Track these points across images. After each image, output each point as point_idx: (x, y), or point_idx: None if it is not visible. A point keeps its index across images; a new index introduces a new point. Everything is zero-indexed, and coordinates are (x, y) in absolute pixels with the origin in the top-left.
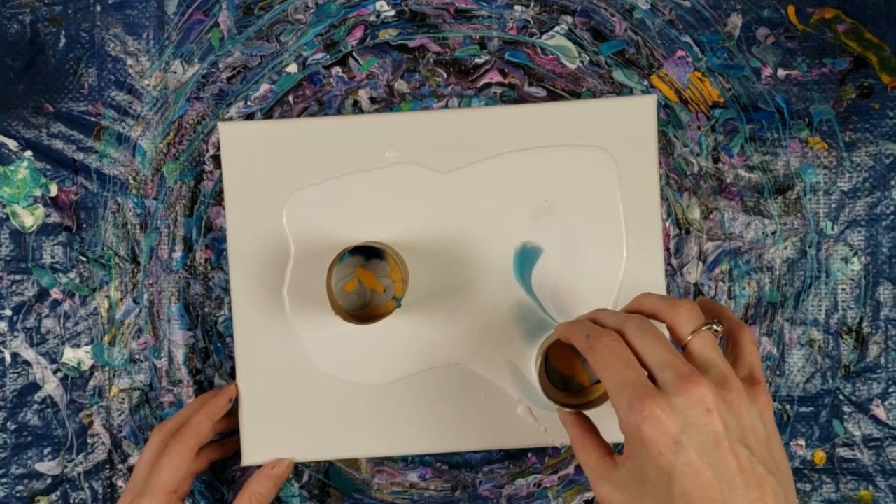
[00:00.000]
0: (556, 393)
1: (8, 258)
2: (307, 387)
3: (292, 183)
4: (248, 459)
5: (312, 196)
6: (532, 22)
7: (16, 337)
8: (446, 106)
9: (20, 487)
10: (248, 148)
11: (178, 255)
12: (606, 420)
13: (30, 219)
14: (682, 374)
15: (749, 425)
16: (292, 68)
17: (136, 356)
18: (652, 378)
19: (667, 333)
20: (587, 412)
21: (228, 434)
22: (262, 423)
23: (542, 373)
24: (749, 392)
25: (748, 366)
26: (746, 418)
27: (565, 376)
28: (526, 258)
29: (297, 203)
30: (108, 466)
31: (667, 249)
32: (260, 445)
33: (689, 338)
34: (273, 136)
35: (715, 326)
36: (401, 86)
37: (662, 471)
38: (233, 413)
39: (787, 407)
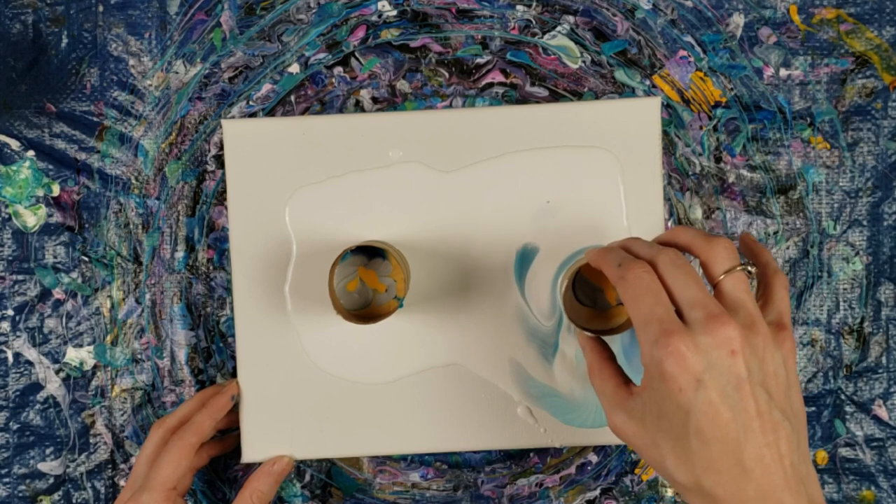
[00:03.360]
0: (579, 312)
1: (10, 258)
2: (308, 385)
3: (295, 181)
4: (248, 456)
5: (315, 194)
6: (534, 22)
7: (18, 337)
8: (450, 106)
9: (22, 487)
10: (251, 145)
11: (180, 254)
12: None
13: (32, 219)
14: (710, 314)
15: (771, 371)
16: (294, 68)
17: (139, 356)
18: (680, 314)
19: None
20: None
21: (228, 430)
22: (262, 420)
23: (569, 291)
24: (775, 337)
25: (777, 311)
26: (769, 363)
27: (595, 287)
28: (525, 259)
29: (299, 201)
30: (110, 466)
31: None
32: (260, 443)
33: (722, 277)
34: (276, 134)
35: (749, 268)
36: (402, 86)
37: (680, 407)
38: (233, 410)
39: None
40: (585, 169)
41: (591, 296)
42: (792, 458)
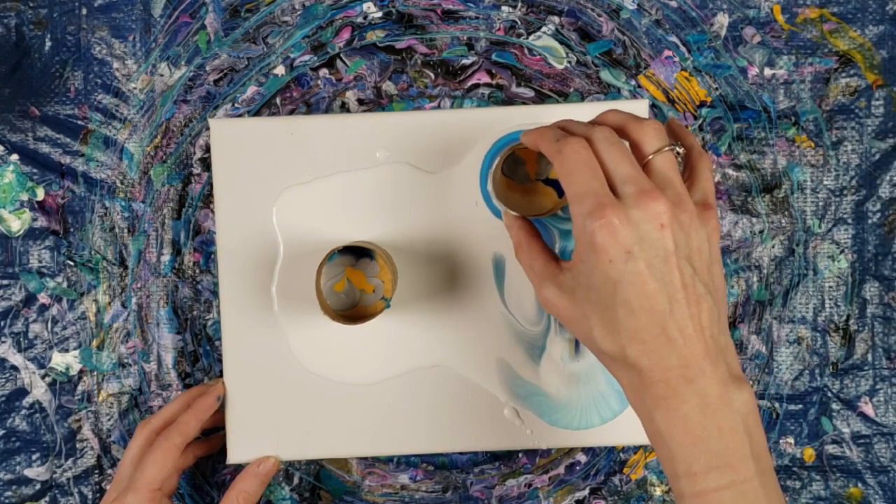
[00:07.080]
0: (506, 190)
1: None
2: (294, 385)
3: (282, 181)
4: (233, 458)
5: (302, 194)
6: (519, 22)
7: (3, 342)
8: (438, 107)
9: (9, 493)
10: (238, 145)
11: (166, 258)
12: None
13: (16, 223)
14: (642, 189)
15: (696, 246)
16: (280, 70)
17: (125, 360)
18: (612, 189)
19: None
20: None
21: (214, 430)
22: (248, 421)
23: (499, 171)
24: (701, 215)
25: (703, 190)
26: (695, 239)
27: (519, 161)
28: (499, 268)
29: (286, 201)
30: (97, 471)
31: None
32: (246, 444)
33: (651, 156)
34: (264, 134)
35: (678, 148)
36: (388, 87)
37: (609, 278)
38: (219, 410)
39: (776, 405)
40: None
41: (515, 172)
42: (712, 329)
